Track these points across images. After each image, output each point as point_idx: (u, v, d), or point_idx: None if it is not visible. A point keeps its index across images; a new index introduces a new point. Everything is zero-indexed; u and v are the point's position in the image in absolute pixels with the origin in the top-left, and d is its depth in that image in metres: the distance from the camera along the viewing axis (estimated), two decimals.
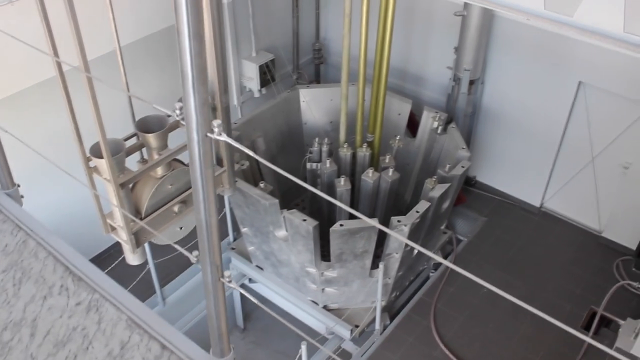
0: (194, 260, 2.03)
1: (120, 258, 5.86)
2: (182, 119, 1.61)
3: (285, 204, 6.50)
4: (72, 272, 2.10)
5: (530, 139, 6.95)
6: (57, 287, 2.04)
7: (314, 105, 6.97)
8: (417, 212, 5.21)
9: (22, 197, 2.78)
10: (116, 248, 6.24)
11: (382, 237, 5.47)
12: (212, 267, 1.81)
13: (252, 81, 7.45)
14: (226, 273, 1.91)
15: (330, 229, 5.04)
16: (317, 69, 8.56)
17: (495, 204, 7.51)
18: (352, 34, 5.62)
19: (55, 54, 3.20)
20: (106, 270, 5.90)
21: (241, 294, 7.05)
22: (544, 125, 6.75)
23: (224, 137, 1.54)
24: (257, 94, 7.62)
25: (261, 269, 6.43)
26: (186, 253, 2.04)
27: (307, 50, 8.39)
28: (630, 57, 5.79)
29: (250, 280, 6.73)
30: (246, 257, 6.56)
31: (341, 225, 5.04)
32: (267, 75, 7.50)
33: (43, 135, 5.67)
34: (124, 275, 6.00)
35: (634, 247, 6.66)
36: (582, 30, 3.05)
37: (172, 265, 6.28)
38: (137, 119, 4.22)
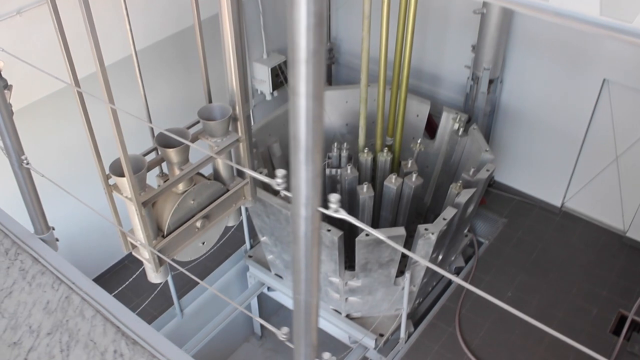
0: (282, 337, 1.81)
1: (140, 270, 5.72)
2: (286, 188, 1.43)
3: None
4: (124, 334, 1.88)
5: (551, 138, 6.78)
6: (111, 353, 1.81)
7: (329, 107, 6.80)
8: (444, 219, 5.06)
9: (57, 240, 2.61)
10: (130, 258, 6.10)
11: (407, 245, 5.33)
12: (307, 349, 1.61)
13: (264, 84, 7.29)
14: (325, 356, 1.69)
15: (356, 239, 4.89)
16: (329, 69, 8.38)
17: (514, 204, 7.35)
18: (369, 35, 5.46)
19: (72, 67, 3.05)
20: (123, 286, 5.77)
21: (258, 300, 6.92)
22: (566, 124, 6.59)
23: (343, 214, 1.38)
24: (269, 97, 7.47)
25: (280, 277, 6.29)
26: (274, 330, 1.83)
27: None
28: None
29: (268, 288, 6.59)
30: (264, 265, 6.42)
31: (367, 235, 4.88)
32: (279, 77, 7.34)
33: (59, 145, 5.53)
34: (139, 286, 5.88)
35: None
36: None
37: (188, 276, 6.14)
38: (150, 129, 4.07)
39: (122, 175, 3.55)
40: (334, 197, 1.35)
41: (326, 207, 1.35)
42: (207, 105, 4.16)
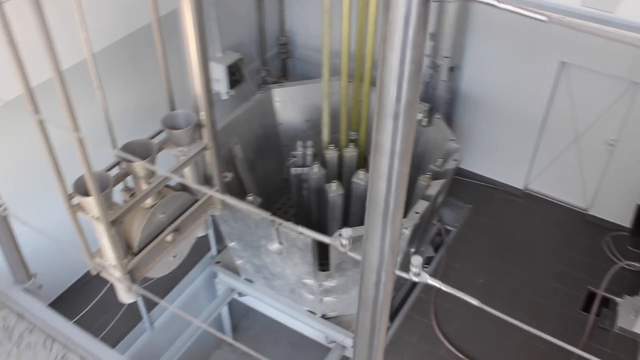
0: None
1: (107, 287, 5.49)
2: (350, 249, 1.30)
3: (267, 210, 6.19)
4: None
5: (512, 122, 6.83)
6: None
7: (289, 104, 6.66)
8: (417, 212, 5.00)
9: (39, 287, 2.35)
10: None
11: None
12: None
13: (220, 83, 7.06)
14: None
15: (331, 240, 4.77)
16: (284, 63, 8.22)
17: (478, 190, 7.39)
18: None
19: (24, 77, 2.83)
20: (93, 303, 5.52)
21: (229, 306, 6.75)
22: (526, 107, 6.63)
23: (426, 278, 1.25)
24: (225, 96, 7.24)
25: (251, 281, 6.14)
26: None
27: (271, 45, 8.02)
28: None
29: (239, 294, 6.43)
30: (233, 270, 6.25)
31: (340, 235, 4.77)
32: (235, 75, 7.13)
33: (8, 160, 5.20)
34: (105, 301, 5.63)
35: (622, 223, 6.66)
36: None
37: (156, 286, 5.92)
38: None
39: (87, 194, 3.34)
40: (417, 261, 1.22)
41: (407, 269, 1.22)
42: (171, 113, 3.97)
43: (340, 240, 1.26)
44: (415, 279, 1.24)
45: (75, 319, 5.38)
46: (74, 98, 2.96)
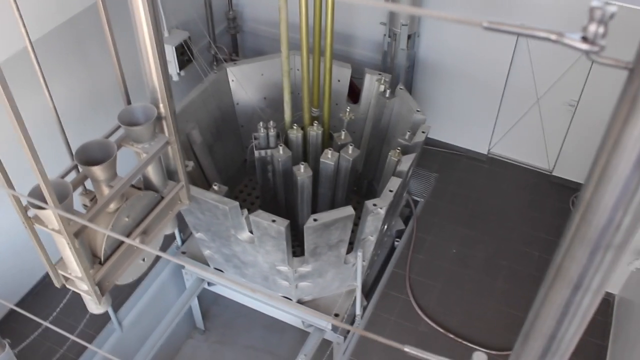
0: None
1: (69, 294, 5.18)
2: None
3: (230, 193, 5.95)
4: None
5: (473, 88, 6.73)
6: None
7: (245, 82, 6.37)
8: (391, 191, 4.86)
9: (15, 353, 2.05)
10: None
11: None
12: None
13: (170, 64, 6.69)
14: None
15: (305, 226, 4.59)
16: (234, 39, 7.86)
17: (442, 157, 7.31)
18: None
19: None
20: (60, 306, 5.21)
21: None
22: (486, 72, 6.54)
23: None
24: (175, 78, 6.88)
25: (220, 271, 5.91)
26: None
27: (219, 20, 7.65)
28: None
29: (208, 284, 6.20)
30: (200, 260, 6.00)
31: (315, 220, 4.60)
32: (184, 55, 6.77)
33: None
34: (69, 305, 5.33)
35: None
36: None
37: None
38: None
39: (43, 207, 3.03)
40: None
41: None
42: (128, 108, 3.65)
43: None
44: None
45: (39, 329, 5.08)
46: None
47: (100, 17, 3.34)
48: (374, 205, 4.74)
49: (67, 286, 3.63)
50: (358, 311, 5.55)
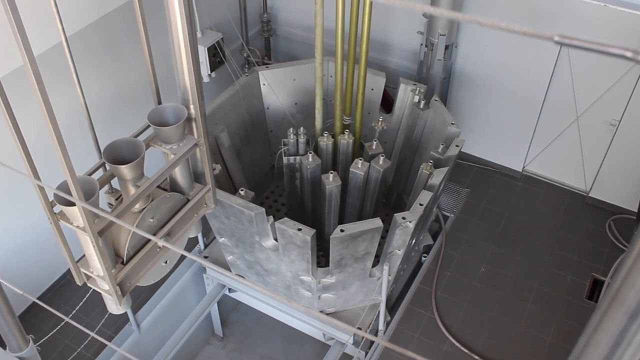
0: None
1: (90, 292, 5.11)
2: None
3: (256, 198, 5.85)
4: None
5: (510, 102, 6.54)
6: None
7: (276, 87, 6.27)
8: (421, 204, 4.70)
9: (39, 349, 1.97)
10: None
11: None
12: None
13: (201, 65, 6.63)
14: None
15: (331, 236, 4.46)
16: (267, 42, 7.78)
17: (475, 172, 7.12)
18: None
19: None
20: (80, 304, 5.14)
21: (218, 302, 6.41)
22: (525, 86, 6.34)
23: None
24: (206, 79, 6.82)
25: (242, 277, 5.80)
26: None
27: (252, 23, 7.58)
28: (613, 9, 5.43)
29: (229, 290, 6.10)
30: (222, 265, 5.90)
31: (342, 230, 4.47)
32: (216, 57, 6.70)
33: None
34: (88, 303, 5.25)
35: (624, 205, 6.46)
36: None
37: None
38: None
39: (70, 203, 2.96)
40: None
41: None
42: (158, 107, 3.58)
43: None
44: None
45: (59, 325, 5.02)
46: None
47: (136, 15, 3.27)
48: (403, 218, 4.59)
49: (89, 284, 3.57)
50: (381, 326, 5.39)
